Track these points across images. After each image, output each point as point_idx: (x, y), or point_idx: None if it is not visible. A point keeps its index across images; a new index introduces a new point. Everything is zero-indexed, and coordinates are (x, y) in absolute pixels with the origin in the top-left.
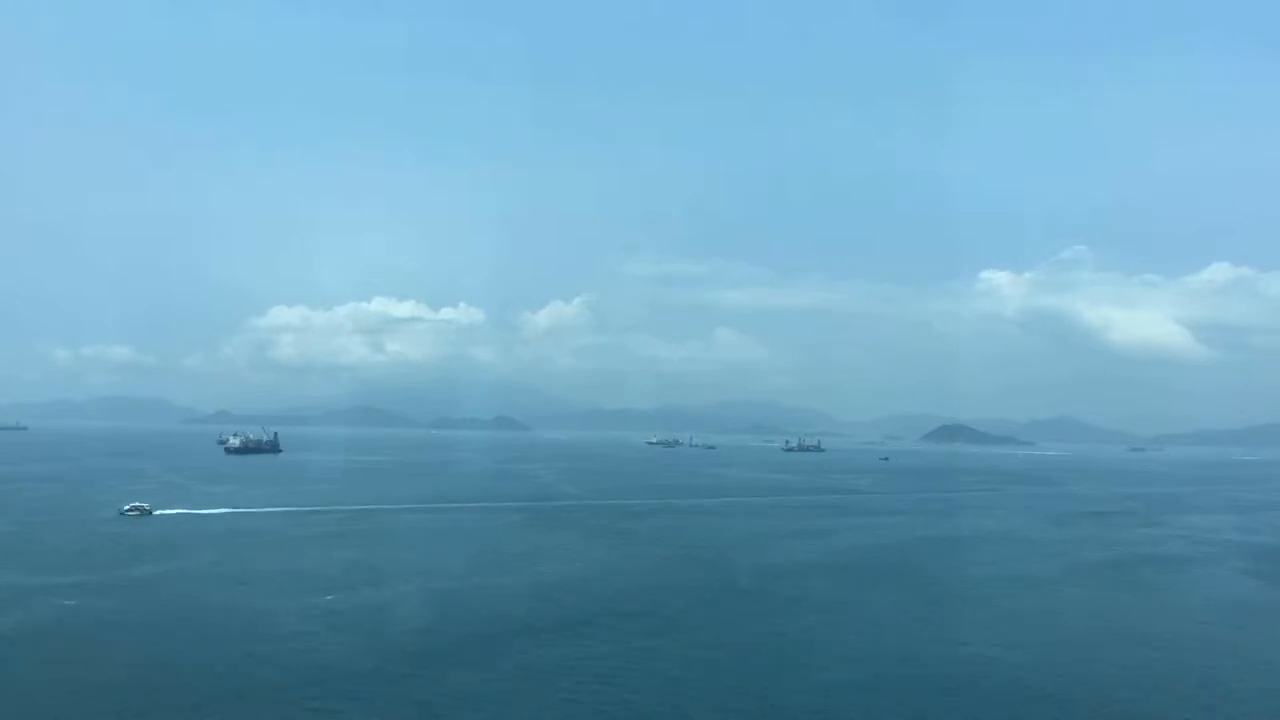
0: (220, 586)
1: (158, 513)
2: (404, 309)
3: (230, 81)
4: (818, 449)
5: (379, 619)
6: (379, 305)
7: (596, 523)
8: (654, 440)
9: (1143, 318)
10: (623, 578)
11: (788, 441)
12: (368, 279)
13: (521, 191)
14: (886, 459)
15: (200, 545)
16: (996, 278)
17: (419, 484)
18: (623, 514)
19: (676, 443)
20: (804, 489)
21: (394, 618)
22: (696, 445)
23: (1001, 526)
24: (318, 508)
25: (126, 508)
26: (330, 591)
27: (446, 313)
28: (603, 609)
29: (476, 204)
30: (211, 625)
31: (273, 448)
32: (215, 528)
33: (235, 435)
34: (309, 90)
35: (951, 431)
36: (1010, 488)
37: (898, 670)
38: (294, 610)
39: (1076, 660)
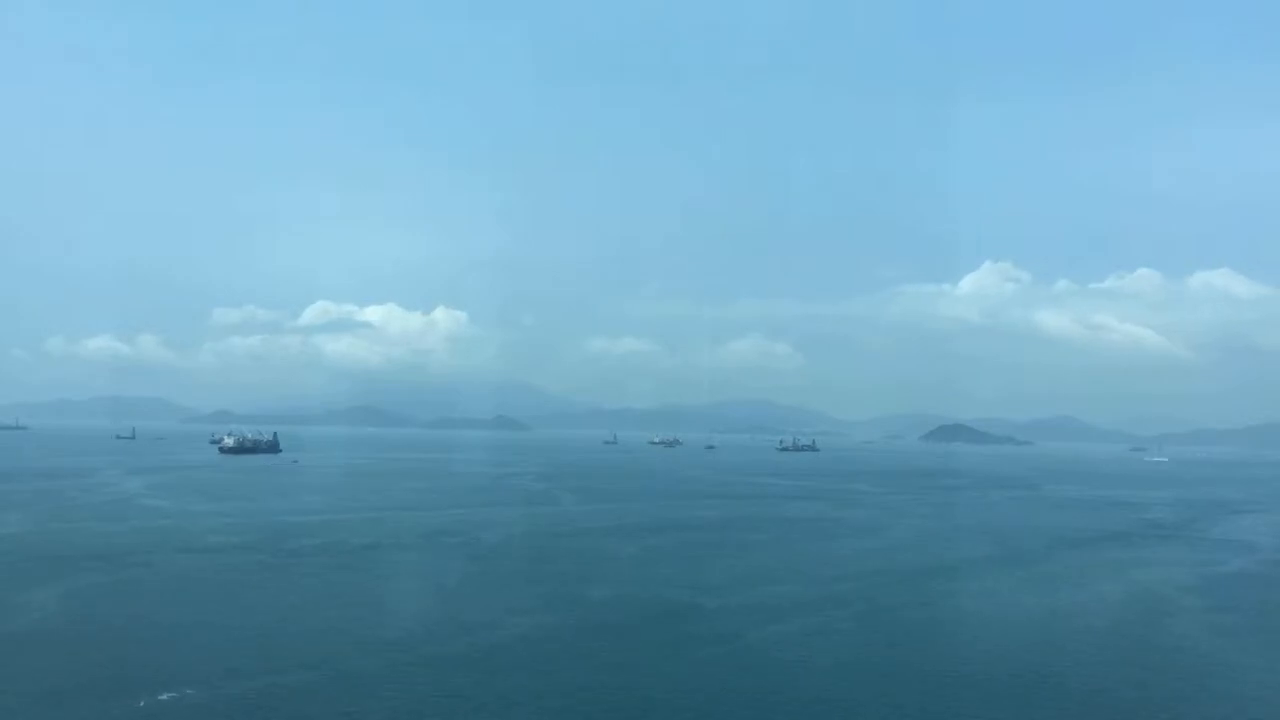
0: None
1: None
2: (404, 309)
3: (237, 80)
4: (812, 448)
5: None
6: (380, 305)
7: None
8: (655, 440)
9: (1136, 320)
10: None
11: (781, 441)
12: (369, 279)
13: (522, 193)
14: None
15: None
16: (996, 279)
17: (411, 485)
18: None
19: (677, 442)
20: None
21: None
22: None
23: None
24: (254, 519)
25: None
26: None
27: (446, 313)
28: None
29: (477, 205)
30: None
31: (271, 447)
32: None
33: (229, 434)
34: (314, 91)
35: (951, 431)
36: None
37: None
38: None
39: None
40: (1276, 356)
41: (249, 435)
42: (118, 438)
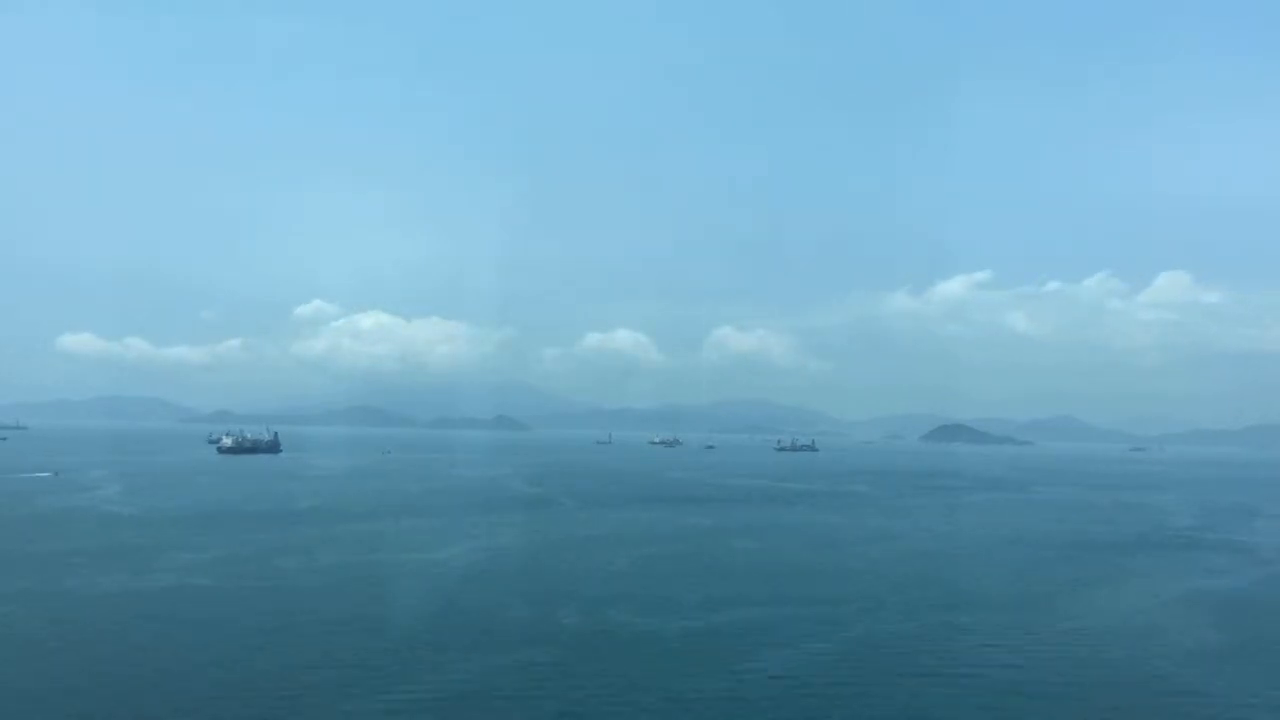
0: None
1: None
2: (404, 309)
3: (235, 80)
4: (811, 449)
5: None
6: (380, 305)
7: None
8: (655, 440)
9: (1133, 320)
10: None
11: (779, 441)
12: (370, 279)
13: (524, 193)
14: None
15: None
16: (991, 281)
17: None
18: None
19: (677, 442)
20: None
21: None
22: (658, 443)
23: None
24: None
25: None
26: None
27: (446, 314)
28: None
29: (478, 205)
30: None
31: (271, 448)
32: None
33: (228, 435)
34: (314, 91)
35: (951, 431)
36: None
37: None
38: None
39: None
40: (1256, 360)
41: (248, 435)
42: (209, 440)
